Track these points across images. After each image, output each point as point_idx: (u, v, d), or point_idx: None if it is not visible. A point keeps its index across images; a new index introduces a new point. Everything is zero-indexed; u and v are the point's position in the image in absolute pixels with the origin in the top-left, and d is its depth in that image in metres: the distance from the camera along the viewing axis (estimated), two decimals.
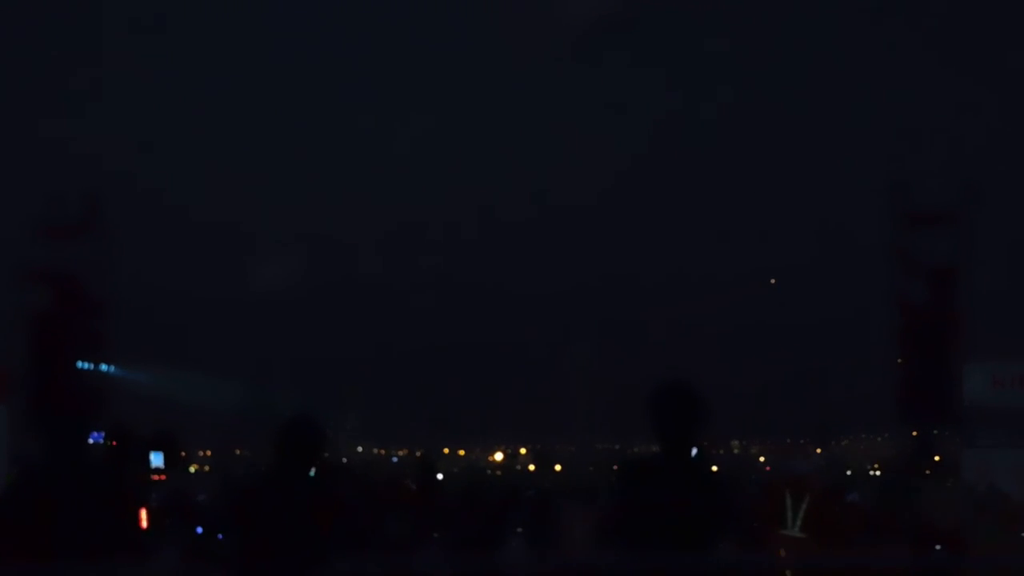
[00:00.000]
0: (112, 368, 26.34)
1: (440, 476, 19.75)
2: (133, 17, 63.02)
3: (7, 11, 60.53)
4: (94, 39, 64.52)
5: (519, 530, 12.91)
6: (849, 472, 32.85)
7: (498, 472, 36.23)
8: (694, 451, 6.71)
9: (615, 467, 6.91)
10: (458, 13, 71.59)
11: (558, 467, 37.14)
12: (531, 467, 43.39)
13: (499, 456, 51.78)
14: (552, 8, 55.97)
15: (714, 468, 6.86)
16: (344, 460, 30.64)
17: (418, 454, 34.56)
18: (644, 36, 65.29)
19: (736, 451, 56.42)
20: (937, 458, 23.56)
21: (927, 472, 22.78)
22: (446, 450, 50.88)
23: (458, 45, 71.79)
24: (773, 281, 52.99)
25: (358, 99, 68.30)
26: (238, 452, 40.61)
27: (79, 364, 24.84)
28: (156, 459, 11.16)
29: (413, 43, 74.57)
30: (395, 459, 46.29)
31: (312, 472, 7.18)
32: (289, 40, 70.90)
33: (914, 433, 24.04)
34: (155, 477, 11.49)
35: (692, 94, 70.58)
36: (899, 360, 23.82)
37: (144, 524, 8.51)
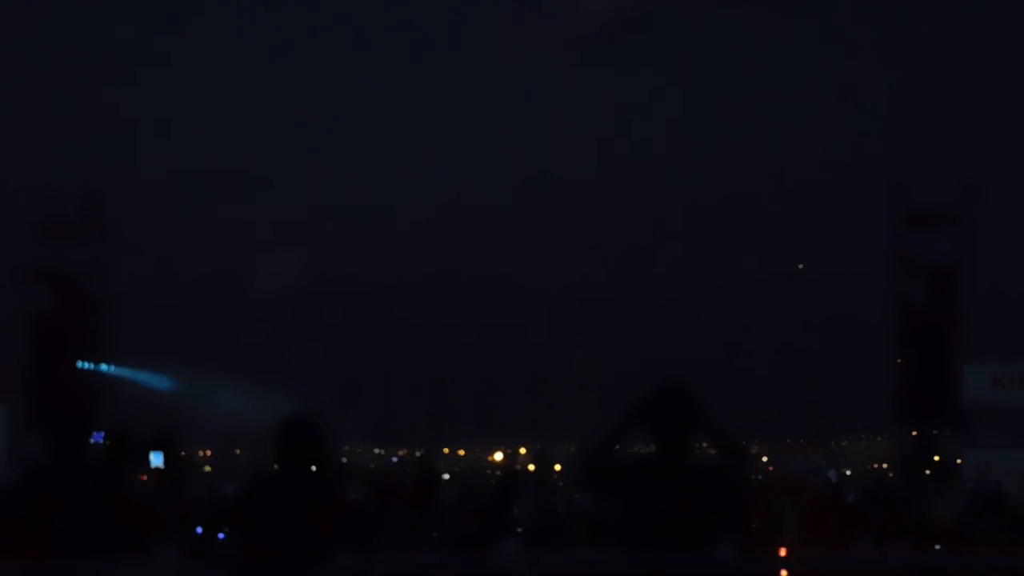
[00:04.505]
0: (112, 368, 26.35)
1: (446, 476, 19.73)
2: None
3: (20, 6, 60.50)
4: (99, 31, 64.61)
5: (519, 530, 12.91)
6: (849, 472, 32.86)
7: (498, 472, 36.18)
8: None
9: (591, 467, 6.88)
10: (456, 13, 71.66)
11: (558, 467, 37.10)
12: (531, 467, 43.36)
13: (499, 456, 51.74)
14: (554, 8, 56.01)
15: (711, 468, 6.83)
16: (344, 460, 30.63)
17: (418, 454, 34.56)
18: (641, 39, 65.30)
19: None
20: (937, 458, 23.54)
21: (927, 472, 22.76)
22: (446, 450, 50.84)
23: (457, 44, 71.87)
24: (800, 266, 53.00)
25: (358, 94, 68.35)
26: (238, 452, 40.61)
27: (79, 364, 24.84)
28: (156, 459, 11.15)
29: (414, 43, 74.66)
30: (395, 459, 46.26)
31: (312, 471, 7.19)
32: (290, 38, 70.94)
33: (914, 433, 24.05)
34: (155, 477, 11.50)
35: (691, 92, 70.60)
36: (899, 360, 23.83)
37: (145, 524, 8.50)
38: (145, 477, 10.62)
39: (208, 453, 42.38)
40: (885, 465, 34.87)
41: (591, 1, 51.84)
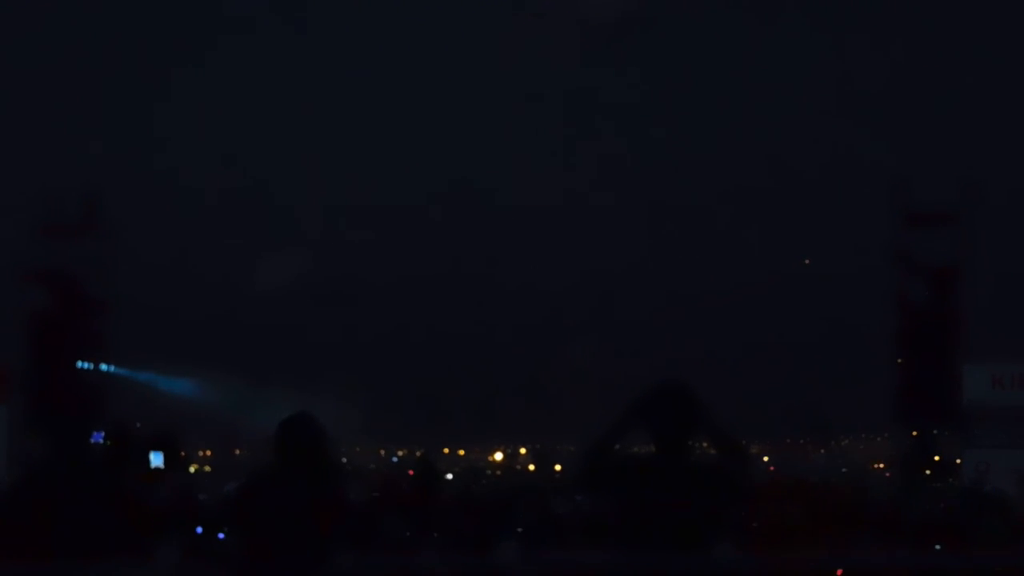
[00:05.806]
0: (112, 368, 26.33)
1: (450, 476, 19.73)
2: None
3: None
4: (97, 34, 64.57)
5: (519, 530, 12.92)
6: (844, 471, 32.92)
7: (498, 472, 36.22)
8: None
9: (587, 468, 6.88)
10: (456, 14, 71.69)
11: (558, 467, 37.14)
12: (531, 467, 43.41)
13: (499, 456, 51.78)
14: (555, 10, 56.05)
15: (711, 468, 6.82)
16: (344, 460, 30.62)
17: (418, 454, 34.57)
18: (641, 39, 65.36)
19: None
20: (937, 458, 23.56)
21: (927, 472, 22.79)
22: (446, 450, 50.86)
23: (457, 45, 71.92)
24: (807, 262, 52.99)
25: (358, 94, 68.42)
26: (238, 452, 40.61)
27: (79, 364, 24.83)
28: (156, 459, 11.17)
29: (414, 44, 74.71)
30: (395, 459, 46.27)
31: (312, 471, 7.18)
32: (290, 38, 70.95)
33: (914, 433, 24.05)
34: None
35: (691, 92, 70.64)
36: (899, 360, 23.83)
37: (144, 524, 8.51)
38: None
39: (208, 453, 42.41)
40: (883, 465, 34.90)
41: (590, 2, 51.85)
